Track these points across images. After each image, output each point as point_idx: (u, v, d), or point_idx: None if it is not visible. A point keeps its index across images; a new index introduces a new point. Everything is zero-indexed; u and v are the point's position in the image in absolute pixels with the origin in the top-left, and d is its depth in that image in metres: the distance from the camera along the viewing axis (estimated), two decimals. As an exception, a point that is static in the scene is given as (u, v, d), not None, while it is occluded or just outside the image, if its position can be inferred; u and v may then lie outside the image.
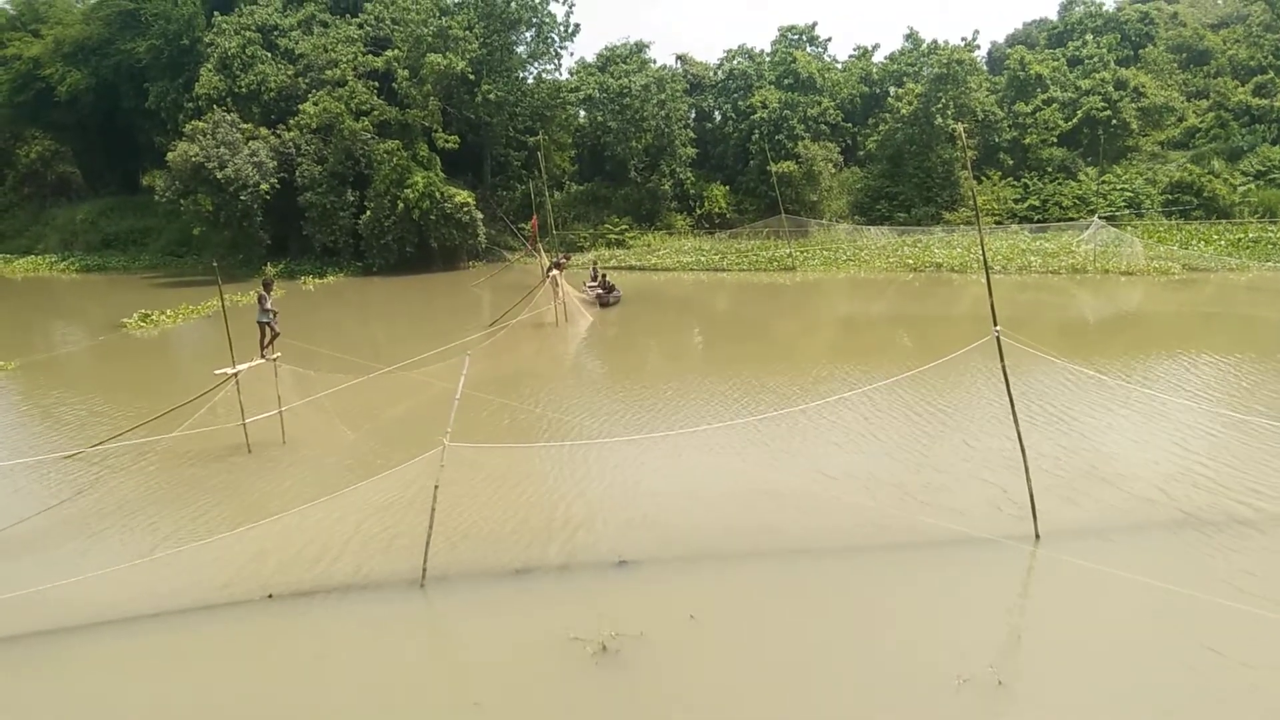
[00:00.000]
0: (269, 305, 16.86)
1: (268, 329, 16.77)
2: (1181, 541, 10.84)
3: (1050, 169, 48.78)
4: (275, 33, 46.81)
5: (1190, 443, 14.34)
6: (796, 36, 55.17)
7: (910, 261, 39.28)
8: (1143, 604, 9.34)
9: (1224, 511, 11.53)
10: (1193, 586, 9.43)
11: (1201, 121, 51.79)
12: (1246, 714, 7.68)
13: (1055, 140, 49.67)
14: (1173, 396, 16.86)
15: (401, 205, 41.58)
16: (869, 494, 12.62)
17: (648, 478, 13.72)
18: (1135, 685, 8.10)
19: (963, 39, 53.66)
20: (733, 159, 51.67)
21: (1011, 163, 49.35)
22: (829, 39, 55.94)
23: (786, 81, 51.13)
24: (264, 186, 41.71)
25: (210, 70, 44.62)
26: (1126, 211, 45.06)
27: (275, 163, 42.57)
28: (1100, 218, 40.23)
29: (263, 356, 16.39)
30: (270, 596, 10.20)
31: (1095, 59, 51.85)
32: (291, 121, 43.95)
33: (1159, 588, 9.42)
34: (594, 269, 35.05)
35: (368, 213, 42.78)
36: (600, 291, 31.94)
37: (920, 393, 17.52)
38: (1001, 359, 11.02)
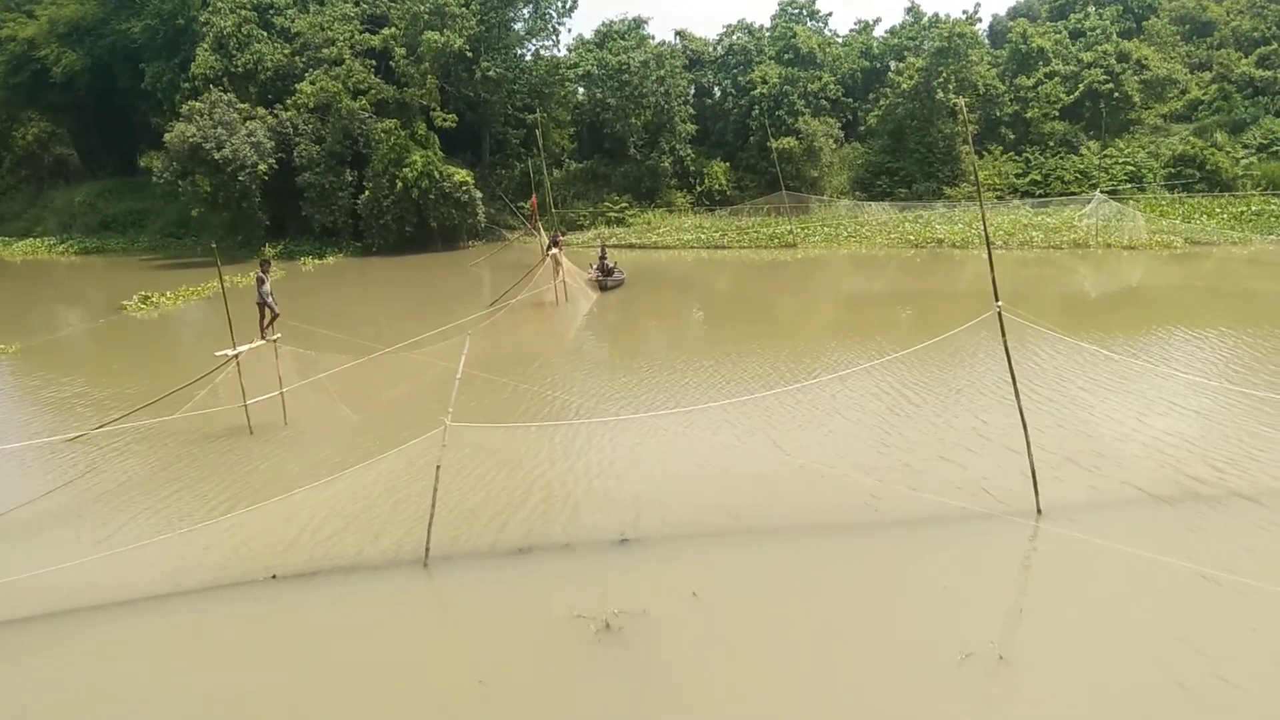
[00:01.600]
0: (267, 286, 16.83)
1: (267, 309, 16.76)
2: (1184, 516, 10.85)
3: (1052, 143, 48.50)
4: (271, 11, 46.44)
5: (1193, 417, 14.36)
6: (796, 11, 54.83)
7: (912, 237, 39.17)
8: (1146, 578, 9.35)
9: (1227, 486, 11.55)
10: (1196, 561, 9.45)
11: (1204, 94, 51.45)
12: (1248, 688, 7.70)
13: (1057, 114, 49.31)
14: (1176, 370, 16.87)
15: (400, 185, 41.42)
16: (870, 470, 12.61)
17: (649, 456, 13.75)
18: (1138, 659, 8.12)
19: (964, 12, 53.60)
20: (733, 135, 51.34)
21: (1013, 137, 49.01)
22: (829, 13, 55.70)
23: (787, 56, 50.80)
24: (262, 167, 41.50)
25: (206, 50, 44.29)
26: (1128, 185, 44.80)
27: (273, 143, 42.34)
28: (1102, 192, 40.00)
29: (263, 337, 16.38)
30: (274, 577, 10.23)
31: (1097, 31, 51.46)
32: (289, 101, 43.69)
33: (1162, 562, 9.43)
34: (601, 250, 33.32)
35: (366, 192, 42.61)
36: (598, 275, 30.44)
37: (922, 369, 17.50)
38: (1003, 334, 10.98)
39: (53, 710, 8.31)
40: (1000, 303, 10.91)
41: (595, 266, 31.07)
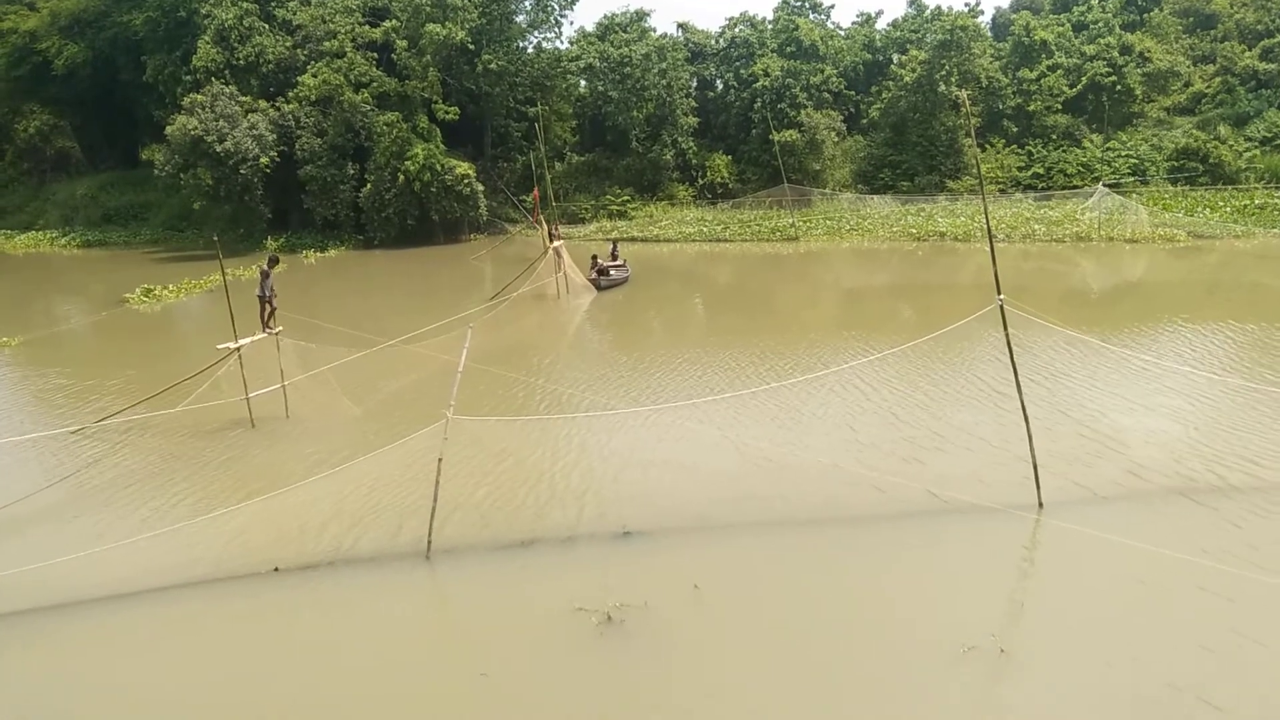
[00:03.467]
0: (270, 280, 16.85)
1: (268, 303, 16.77)
2: (1184, 509, 10.85)
3: (1055, 136, 48.42)
4: (272, 3, 46.35)
5: (1194, 410, 14.35)
6: (799, 3, 54.70)
7: (914, 230, 39.11)
8: (1146, 571, 9.35)
9: (1227, 478, 11.54)
10: (1196, 554, 9.44)
11: (1208, 87, 51.29)
12: (1249, 681, 7.71)
13: (1060, 107, 49.22)
14: (1176, 364, 16.83)
15: (402, 178, 41.47)
16: (872, 463, 12.61)
17: (651, 449, 13.74)
18: (1139, 652, 8.13)
19: (966, 5, 53.10)
20: (735, 128, 51.29)
21: (1015, 130, 48.94)
22: (832, 6, 55.63)
23: (789, 49, 50.69)
24: (264, 160, 41.50)
25: (207, 42, 44.21)
26: (1131, 179, 44.76)
27: (275, 136, 42.34)
28: (1105, 185, 39.97)
29: (265, 330, 16.39)
30: (276, 569, 10.24)
31: (1100, 24, 51.28)
32: (290, 94, 43.68)
33: (1163, 555, 9.43)
34: (613, 246, 32.31)
35: (368, 185, 42.67)
36: (594, 274, 28.93)
37: (923, 362, 17.49)
38: (1005, 328, 10.97)
39: (54, 703, 8.33)
40: (1002, 296, 10.89)
41: (610, 262, 30.29)
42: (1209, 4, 57.39)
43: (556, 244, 27.86)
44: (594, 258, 30.08)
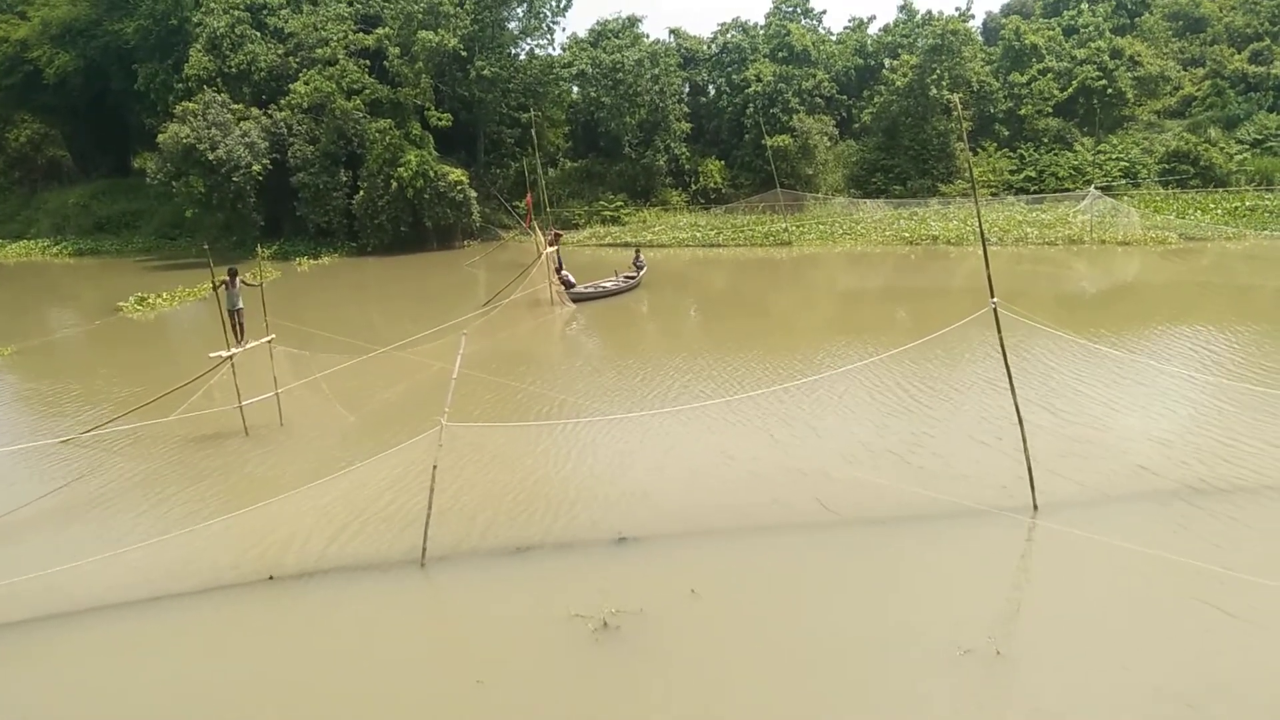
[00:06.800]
0: (237, 291, 16.82)
1: (238, 315, 16.73)
2: (1178, 510, 10.86)
3: (1046, 140, 48.56)
4: (264, 11, 46.30)
5: (1187, 412, 14.39)
6: (790, 9, 54.66)
7: (906, 234, 39.18)
8: (1141, 573, 9.37)
9: (1220, 480, 11.57)
10: (1190, 555, 9.48)
11: (1198, 90, 51.48)
12: (1241, 684, 7.72)
13: (1051, 111, 49.37)
14: (1169, 366, 16.89)
15: (395, 184, 41.40)
16: (866, 468, 12.63)
17: (645, 455, 13.73)
18: (1133, 654, 8.14)
19: (957, 9, 53.57)
20: (728, 133, 51.28)
21: (1007, 134, 49.07)
22: (823, 11, 55.64)
23: (781, 54, 50.72)
24: (256, 167, 41.38)
25: (199, 50, 44.15)
26: (1123, 181, 44.95)
27: (267, 143, 42.22)
28: (1096, 188, 40.11)
29: (239, 343, 16.29)
30: (271, 578, 10.22)
31: (1091, 28, 51.51)
32: (283, 101, 43.58)
33: (1157, 556, 9.46)
34: (636, 255, 32.40)
35: (361, 192, 42.58)
36: (559, 287, 27.66)
37: (917, 366, 17.49)
38: (999, 331, 10.99)
39: (52, 713, 8.29)
40: (996, 299, 10.92)
41: (628, 273, 30.36)
42: (1198, 8, 57.64)
43: (551, 249, 27.83)
44: (559, 264, 28.71)
